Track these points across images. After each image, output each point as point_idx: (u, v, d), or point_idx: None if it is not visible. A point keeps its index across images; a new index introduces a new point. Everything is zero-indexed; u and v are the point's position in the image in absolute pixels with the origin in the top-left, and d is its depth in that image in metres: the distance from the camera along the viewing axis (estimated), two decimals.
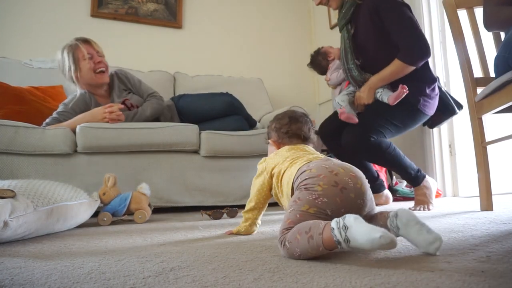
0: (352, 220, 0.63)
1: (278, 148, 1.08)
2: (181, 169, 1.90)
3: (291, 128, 1.09)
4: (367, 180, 0.83)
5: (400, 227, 0.70)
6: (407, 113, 1.59)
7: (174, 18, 3.01)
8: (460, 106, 1.76)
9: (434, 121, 1.77)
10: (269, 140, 1.14)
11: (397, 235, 0.71)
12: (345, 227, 0.63)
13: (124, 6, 2.85)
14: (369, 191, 0.81)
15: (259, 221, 1.10)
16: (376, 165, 1.91)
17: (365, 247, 0.61)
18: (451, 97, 1.77)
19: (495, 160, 1.99)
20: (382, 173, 2.05)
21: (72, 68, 1.88)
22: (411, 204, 1.68)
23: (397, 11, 1.54)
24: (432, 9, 2.29)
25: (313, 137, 1.11)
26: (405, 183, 2.17)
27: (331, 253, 0.71)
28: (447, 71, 2.22)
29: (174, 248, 0.89)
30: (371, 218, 0.80)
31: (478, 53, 1.52)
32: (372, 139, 1.53)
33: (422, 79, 1.60)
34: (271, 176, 1.00)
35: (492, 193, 1.41)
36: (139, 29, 2.91)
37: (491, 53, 1.49)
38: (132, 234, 1.16)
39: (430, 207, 1.57)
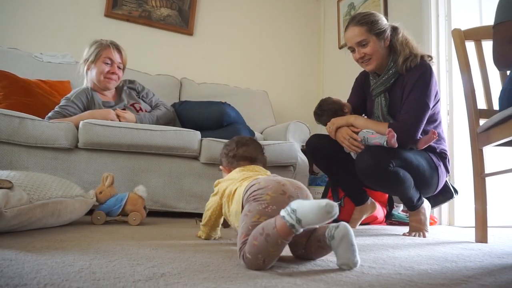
0: (297, 203, 0.70)
1: (229, 172, 1.15)
2: (179, 174, 1.89)
3: (238, 152, 1.16)
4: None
5: (335, 238, 0.76)
6: (426, 163, 1.55)
7: (186, 25, 3.05)
8: (456, 192, 1.76)
9: (431, 202, 1.73)
10: (220, 167, 1.23)
11: (329, 244, 0.78)
12: (294, 211, 0.69)
13: (138, 9, 2.89)
14: None
15: (218, 233, 1.19)
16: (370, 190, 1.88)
17: (314, 219, 0.67)
18: (450, 183, 1.77)
19: (493, 192, 2.00)
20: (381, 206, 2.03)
21: (90, 59, 1.96)
22: (406, 229, 1.68)
23: (424, 92, 1.48)
24: (440, 38, 2.32)
25: (262, 158, 1.19)
26: (401, 207, 2.17)
27: (319, 270, 0.71)
28: (451, 100, 2.24)
29: (166, 254, 0.88)
30: (313, 230, 0.84)
31: (483, 85, 1.54)
32: (390, 167, 1.44)
33: (447, 156, 1.64)
34: (222, 197, 1.05)
35: (488, 225, 1.41)
36: (151, 32, 2.94)
37: (496, 86, 1.51)
38: (125, 236, 1.15)
39: (426, 234, 1.56)
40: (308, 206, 0.68)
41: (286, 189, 0.83)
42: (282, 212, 0.71)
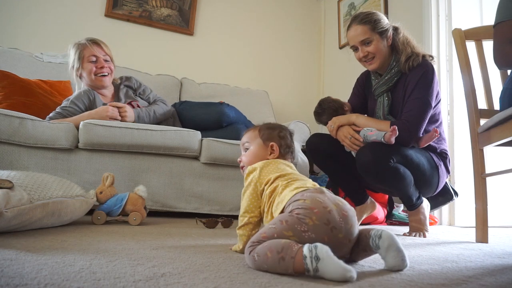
0: (324, 252, 0.65)
1: (276, 156, 1.06)
2: (179, 174, 1.89)
3: (293, 144, 1.11)
4: (352, 209, 0.82)
5: (380, 248, 0.76)
6: (427, 161, 1.56)
7: (187, 25, 3.05)
8: (456, 194, 1.78)
9: (430, 203, 1.74)
10: (272, 143, 1.07)
11: (375, 252, 0.79)
12: (317, 258, 0.65)
13: (138, 9, 2.89)
14: (356, 230, 0.81)
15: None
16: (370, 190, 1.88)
17: (330, 277, 0.65)
18: (450, 185, 1.79)
19: (493, 192, 1.99)
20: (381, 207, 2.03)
21: (76, 65, 1.95)
22: (406, 229, 1.68)
23: (427, 90, 1.50)
24: (441, 38, 2.32)
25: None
26: (402, 207, 2.17)
27: None
28: (452, 100, 2.24)
29: (166, 254, 0.88)
30: (355, 242, 0.81)
31: (484, 85, 1.53)
32: (391, 162, 1.45)
33: (448, 156, 1.65)
34: (263, 190, 0.97)
35: (488, 225, 1.41)
36: (151, 32, 2.95)
37: (496, 85, 1.50)
38: (125, 236, 1.15)
39: (426, 234, 1.56)
40: (333, 266, 0.64)
41: (331, 218, 0.76)
42: (306, 251, 0.66)
